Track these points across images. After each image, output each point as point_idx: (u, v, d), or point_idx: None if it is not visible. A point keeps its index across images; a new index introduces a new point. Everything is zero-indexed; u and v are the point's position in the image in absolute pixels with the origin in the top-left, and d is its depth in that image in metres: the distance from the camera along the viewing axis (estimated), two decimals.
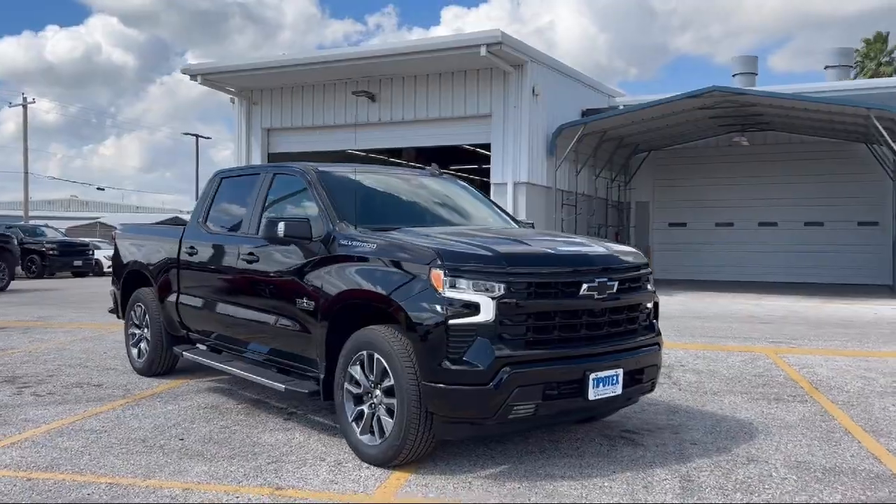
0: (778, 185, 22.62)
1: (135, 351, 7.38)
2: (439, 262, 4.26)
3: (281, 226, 5.09)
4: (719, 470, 4.49)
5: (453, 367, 4.14)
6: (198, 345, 6.77)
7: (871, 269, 21.43)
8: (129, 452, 4.82)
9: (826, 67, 30.86)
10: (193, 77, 19.36)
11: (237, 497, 4.03)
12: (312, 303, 5.02)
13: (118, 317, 8.00)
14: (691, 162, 23.76)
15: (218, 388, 6.73)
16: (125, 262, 7.62)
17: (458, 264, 4.25)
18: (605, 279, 4.54)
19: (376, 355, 4.49)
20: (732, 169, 23.14)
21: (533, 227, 6.46)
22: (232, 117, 21.09)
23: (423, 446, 4.38)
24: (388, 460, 4.43)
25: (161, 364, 7.12)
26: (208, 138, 72.47)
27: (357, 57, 17.75)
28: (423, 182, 6.32)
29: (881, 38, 55.71)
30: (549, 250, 4.66)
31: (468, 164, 26.77)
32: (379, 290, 4.53)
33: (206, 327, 6.46)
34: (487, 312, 4.16)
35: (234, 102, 21.02)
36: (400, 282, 4.42)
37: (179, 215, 69.64)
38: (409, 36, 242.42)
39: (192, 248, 6.47)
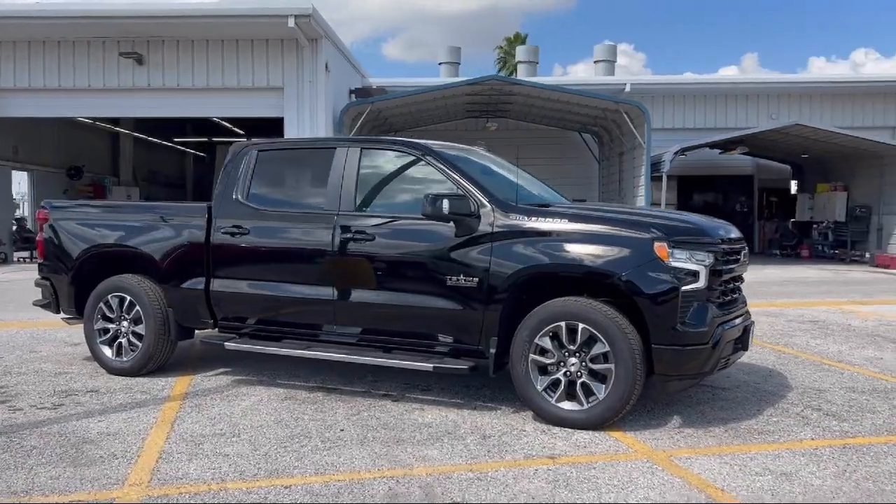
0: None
1: (108, 350, 6.32)
2: (662, 235, 4.70)
3: (445, 203, 4.98)
4: (819, 399, 5.59)
5: (684, 330, 4.62)
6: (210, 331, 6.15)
7: None
8: (330, 448, 4.43)
9: (440, 63, 34.24)
10: None
11: (534, 469, 4.08)
12: (475, 279, 5.04)
13: (54, 312, 6.75)
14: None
15: (247, 380, 6.15)
16: (80, 246, 6.44)
17: (677, 237, 4.73)
18: (746, 248, 5.36)
19: (581, 325, 4.75)
20: None
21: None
22: None
23: (632, 405, 4.79)
24: (601, 422, 4.75)
25: (160, 359, 6.25)
26: None
27: (134, 15, 15.86)
28: (498, 159, 6.49)
29: (520, 38, 63.88)
30: (722, 224, 5.32)
31: (227, 136, 25.63)
32: (592, 263, 4.78)
33: (253, 313, 5.90)
34: (702, 279, 4.72)
35: None
36: (618, 255, 4.74)
37: None
38: None
39: (237, 227, 5.82)
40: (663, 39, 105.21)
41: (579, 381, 4.81)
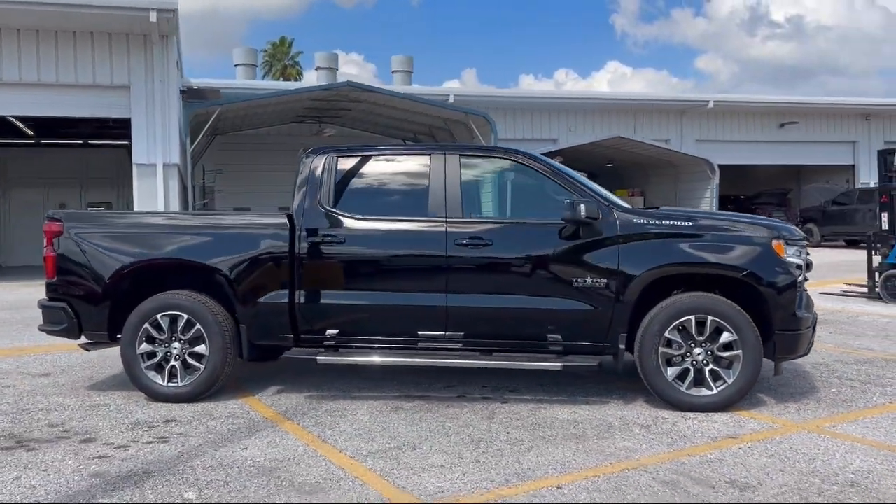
0: None
1: (158, 376, 5.68)
2: (778, 234, 5.37)
3: (582, 207, 5.24)
4: (836, 372, 6.60)
5: (800, 316, 5.33)
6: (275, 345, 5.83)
7: None
8: (529, 450, 4.51)
9: (236, 65, 34.33)
10: None
11: (738, 447, 4.50)
12: (603, 279, 5.36)
13: (74, 337, 5.93)
14: (254, 148, 24.44)
15: (320, 395, 5.87)
16: (119, 261, 5.72)
17: (787, 235, 5.43)
18: None
19: (710, 317, 5.28)
20: (289, 156, 24.67)
21: None
22: None
23: None
24: (730, 404, 5.29)
25: (223, 381, 5.77)
26: None
27: None
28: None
29: (285, 43, 63.26)
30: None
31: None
32: (724, 260, 5.30)
33: (348, 324, 5.67)
34: (802, 271, 5.47)
35: None
36: (744, 252, 5.31)
37: None
38: None
39: (329, 236, 5.58)
40: (389, 52, 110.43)
41: (707, 369, 5.32)
